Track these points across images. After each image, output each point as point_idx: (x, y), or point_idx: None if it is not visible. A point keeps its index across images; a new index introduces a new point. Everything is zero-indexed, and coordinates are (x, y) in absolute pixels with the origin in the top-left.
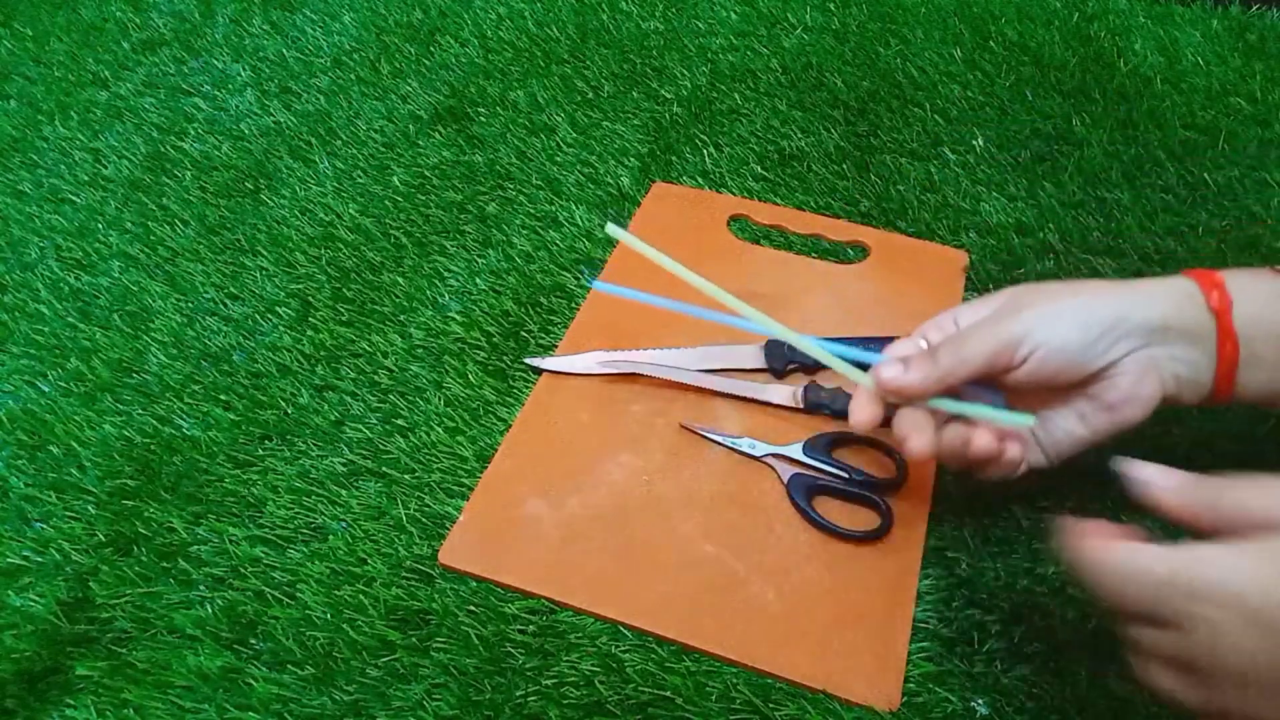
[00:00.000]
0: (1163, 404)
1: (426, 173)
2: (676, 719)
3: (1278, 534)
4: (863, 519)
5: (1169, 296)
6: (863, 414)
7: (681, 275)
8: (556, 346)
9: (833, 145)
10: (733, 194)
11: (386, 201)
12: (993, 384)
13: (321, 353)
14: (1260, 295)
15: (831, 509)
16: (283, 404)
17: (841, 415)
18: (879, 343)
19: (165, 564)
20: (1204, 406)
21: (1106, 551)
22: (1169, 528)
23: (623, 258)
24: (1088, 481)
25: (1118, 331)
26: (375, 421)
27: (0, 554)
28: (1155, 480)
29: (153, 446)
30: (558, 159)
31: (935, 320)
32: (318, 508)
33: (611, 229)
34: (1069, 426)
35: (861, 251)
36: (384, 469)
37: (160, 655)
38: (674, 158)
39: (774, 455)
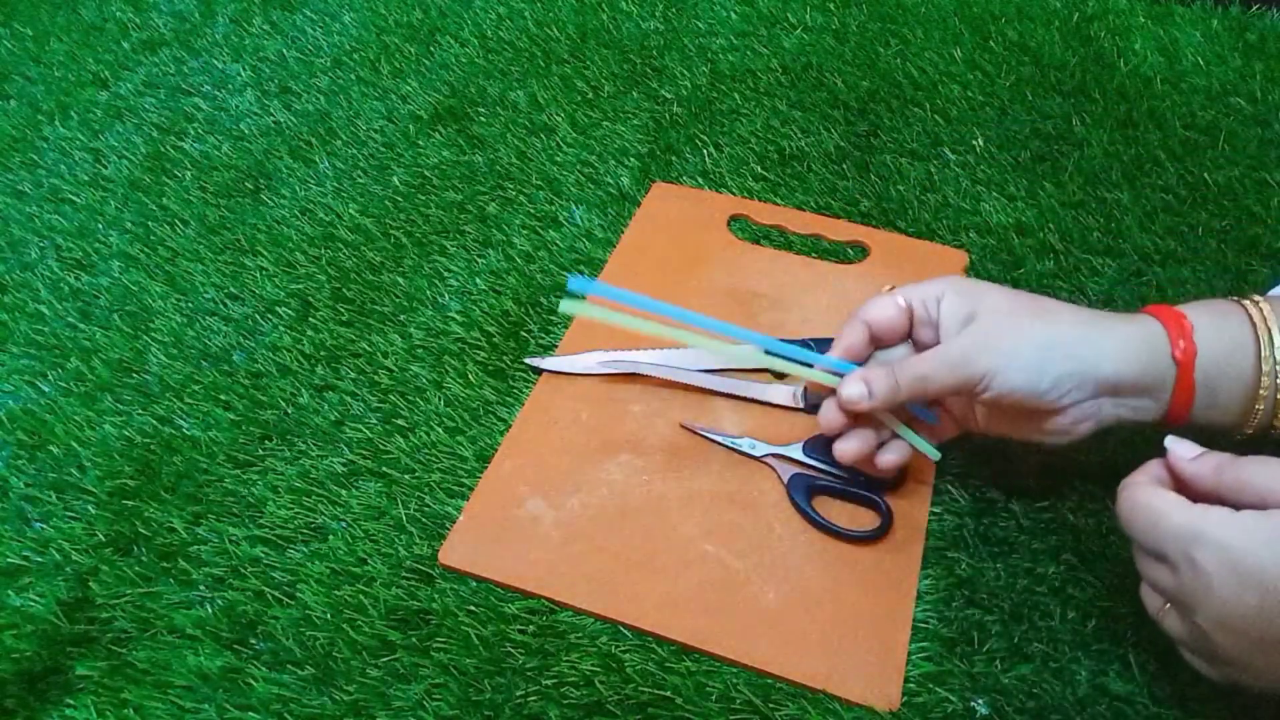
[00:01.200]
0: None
1: (426, 173)
2: (676, 719)
3: (1273, 506)
4: (863, 519)
5: (1133, 347)
6: (834, 421)
7: (638, 325)
8: (556, 346)
9: (833, 145)
10: (733, 194)
11: (386, 201)
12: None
13: (321, 353)
14: (1225, 339)
15: (831, 509)
16: (283, 404)
17: None
18: None
19: (165, 564)
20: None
21: (1139, 489)
22: None
23: (621, 259)
24: (1088, 482)
25: (1073, 381)
26: (375, 421)
27: (0, 554)
28: (1175, 450)
29: (153, 446)
30: (558, 159)
31: (922, 292)
32: (318, 508)
33: (565, 306)
34: (1000, 429)
35: (861, 251)
36: (384, 469)
37: (160, 655)
38: (674, 158)
39: (774, 455)
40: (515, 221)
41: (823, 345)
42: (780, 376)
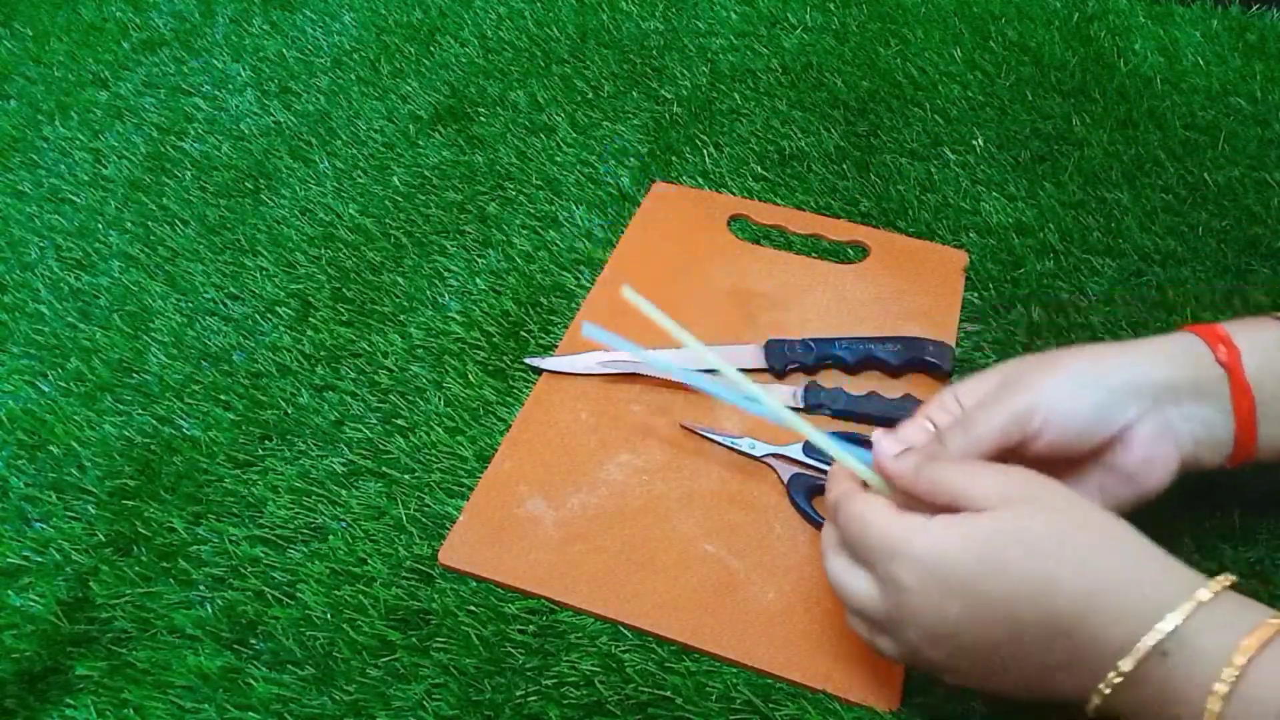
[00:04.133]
0: (1184, 469)
1: (426, 173)
2: (676, 719)
3: (967, 512)
4: None
5: (1173, 354)
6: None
7: (686, 340)
8: (556, 346)
9: (833, 145)
10: (733, 194)
11: (386, 201)
12: None
13: (321, 353)
14: (1267, 345)
15: None
16: (283, 404)
17: (842, 415)
18: (880, 342)
19: (165, 564)
20: (1229, 467)
21: (852, 500)
22: None
23: (621, 259)
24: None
25: (1126, 393)
26: (375, 421)
27: (0, 554)
28: (879, 446)
29: (153, 446)
30: (558, 159)
31: (939, 400)
32: (318, 508)
33: (627, 293)
34: (1086, 491)
35: (861, 251)
36: (384, 469)
37: (160, 655)
38: (674, 158)
39: (774, 455)
40: (515, 221)
41: (823, 345)
42: (780, 376)
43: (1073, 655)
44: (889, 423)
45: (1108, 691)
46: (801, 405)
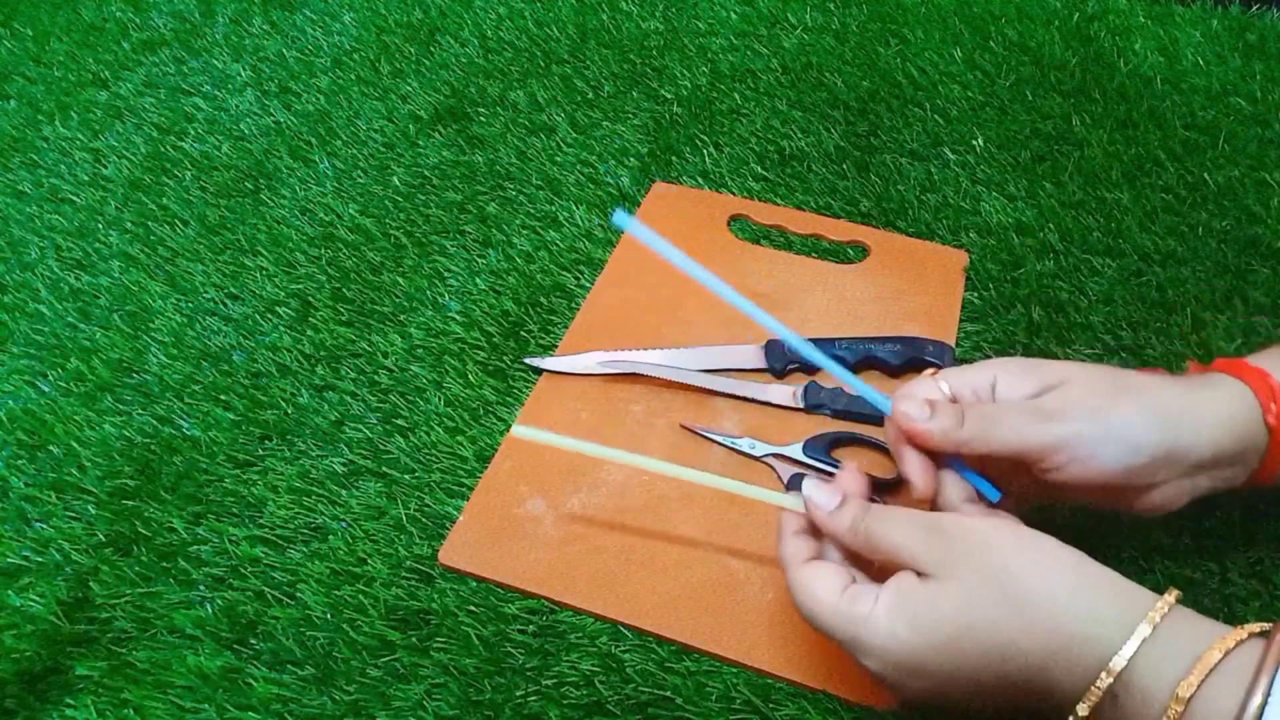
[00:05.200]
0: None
1: (426, 173)
2: (676, 719)
3: (903, 575)
4: None
5: (1226, 417)
6: (927, 482)
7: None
8: (556, 346)
9: (833, 145)
10: (733, 194)
11: (386, 201)
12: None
13: (321, 353)
14: None
15: None
16: (283, 404)
17: (842, 415)
18: (880, 342)
19: (165, 564)
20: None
21: (799, 569)
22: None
23: (622, 259)
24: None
25: (1165, 462)
26: (375, 421)
27: (0, 554)
28: (813, 499)
29: (153, 446)
30: (558, 159)
31: (971, 380)
32: (318, 508)
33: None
34: (1072, 499)
35: (861, 251)
36: (384, 469)
37: (160, 655)
38: (674, 158)
39: (774, 455)
40: (515, 221)
41: (823, 345)
42: (780, 376)
43: (1038, 702)
44: None
45: None
46: (801, 405)
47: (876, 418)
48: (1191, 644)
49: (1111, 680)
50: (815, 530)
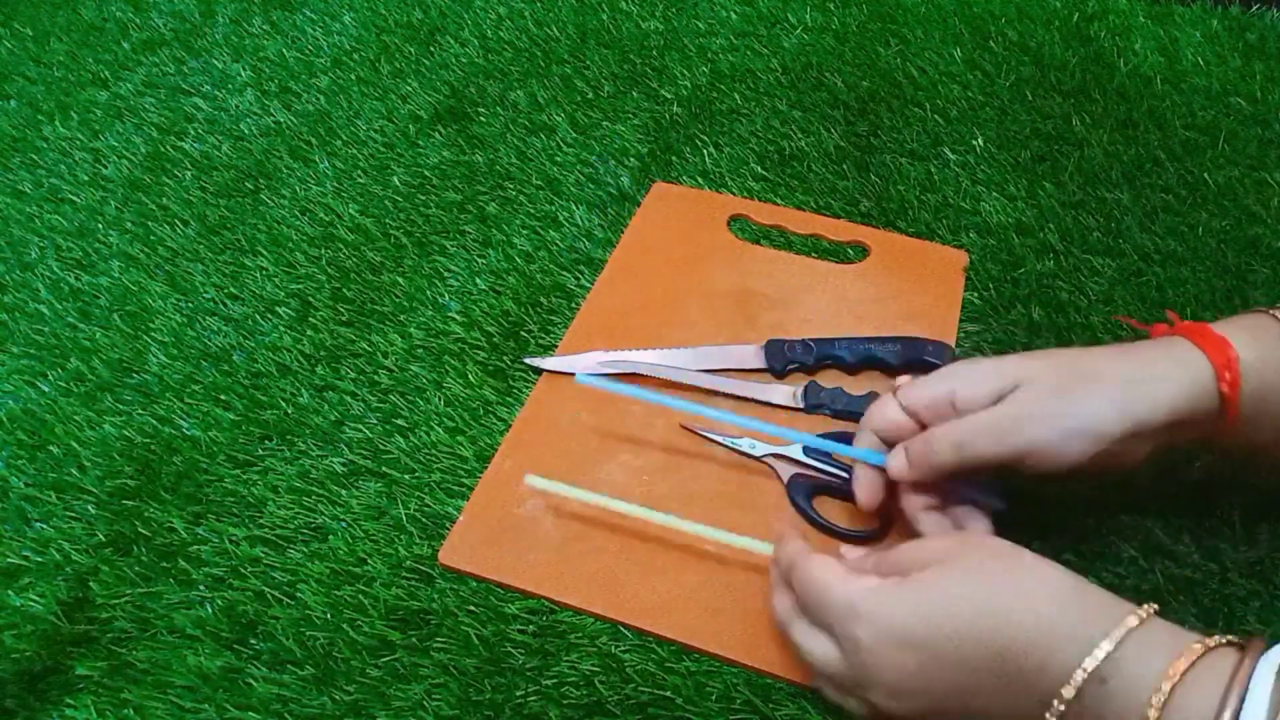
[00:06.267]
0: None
1: (426, 173)
2: (676, 719)
3: (921, 571)
4: (863, 519)
5: (1184, 390)
6: (872, 498)
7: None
8: (556, 346)
9: (833, 145)
10: (733, 194)
11: (386, 201)
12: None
13: (321, 353)
14: (1268, 360)
15: (831, 509)
16: (283, 404)
17: (842, 415)
18: (880, 342)
19: (165, 564)
20: None
21: (811, 563)
22: None
23: (621, 259)
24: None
25: (1125, 441)
26: (375, 421)
27: (0, 554)
28: (846, 554)
29: (153, 446)
30: (558, 159)
31: (927, 395)
32: (318, 508)
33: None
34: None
35: (861, 251)
36: (384, 469)
37: (160, 655)
38: (674, 158)
39: (774, 455)
40: (515, 221)
41: (823, 345)
42: (780, 376)
43: (1023, 687)
44: None
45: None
46: (801, 405)
47: None
48: (1173, 640)
49: (1099, 663)
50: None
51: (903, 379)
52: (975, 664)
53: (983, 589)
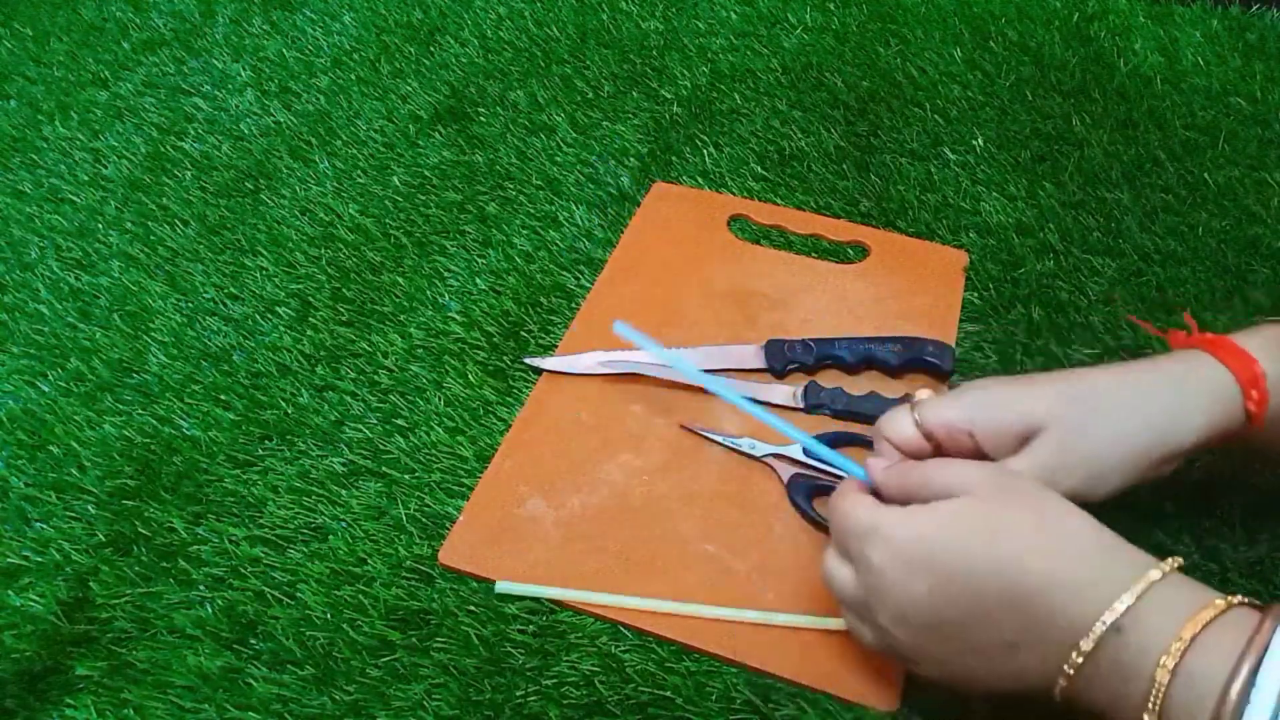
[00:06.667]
0: None
1: (426, 173)
2: (676, 719)
3: (945, 499)
4: None
5: (1210, 411)
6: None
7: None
8: (556, 346)
9: (833, 145)
10: (733, 194)
11: (386, 201)
12: None
13: (321, 353)
14: None
15: None
16: (283, 404)
17: (842, 415)
18: (880, 342)
19: (165, 564)
20: None
21: (841, 496)
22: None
23: (621, 259)
24: None
25: (1156, 468)
26: (375, 421)
27: (0, 554)
28: (871, 465)
29: (153, 446)
30: (558, 159)
31: (945, 420)
32: (318, 508)
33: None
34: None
35: (861, 251)
36: (384, 469)
37: (160, 655)
38: (674, 158)
39: (774, 455)
40: (515, 221)
41: (823, 345)
42: (780, 376)
43: (1034, 632)
44: None
45: (1071, 672)
46: (801, 405)
47: (876, 418)
48: (1194, 595)
49: (1119, 615)
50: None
51: (922, 392)
52: (985, 598)
53: (1003, 524)
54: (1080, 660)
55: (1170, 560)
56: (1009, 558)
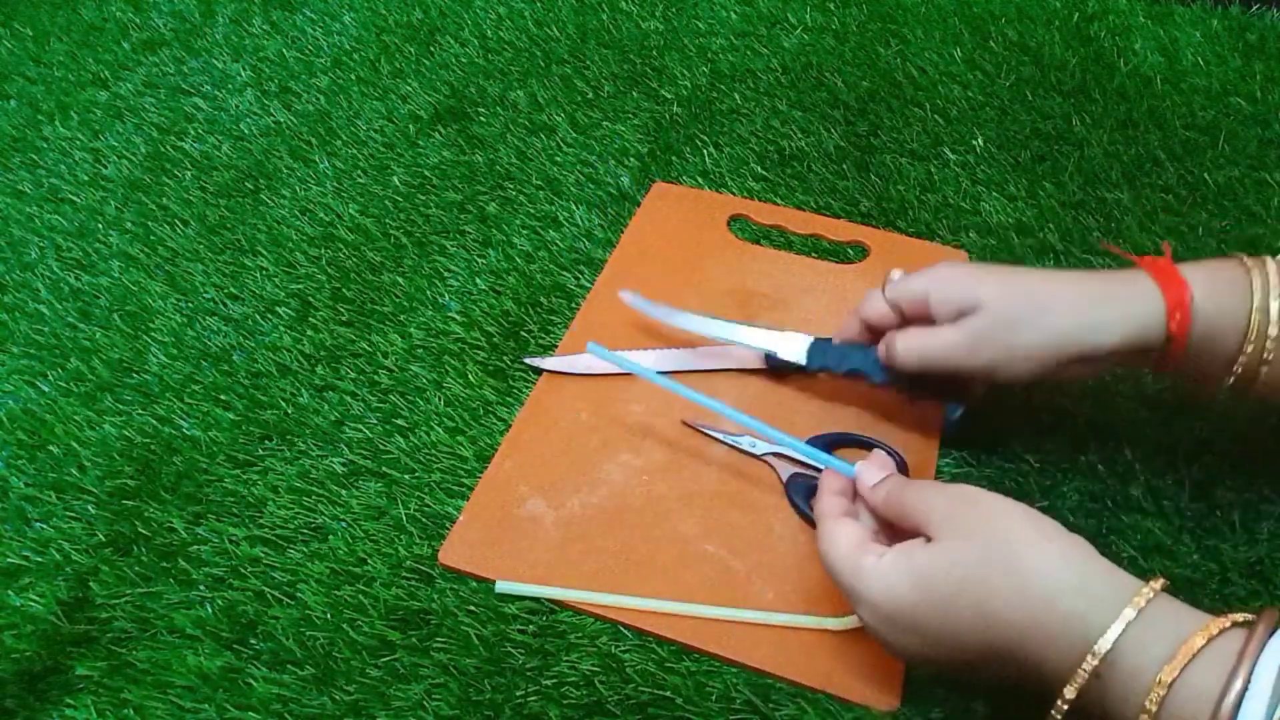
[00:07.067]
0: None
1: (426, 173)
2: (676, 719)
3: (914, 540)
4: None
5: (1132, 317)
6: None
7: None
8: (556, 346)
9: (833, 145)
10: (733, 194)
11: (386, 201)
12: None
13: (321, 353)
14: (1218, 302)
15: None
16: (283, 404)
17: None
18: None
19: (165, 564)
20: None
21: (827, 520)
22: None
23: (621, 259)
24: (1088, 482)
25: (1078, 360)
26: (375, 421)
27: (0, 554)
28: (860, 475)
29: (153, 446)
30: (558, 159)
31: (909, 291)
32: (318, 508)
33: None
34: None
35: (861, 251)
36: (384, 469)
37: (160, 655)
38: (674, 158)
39: (774, 454)
40: (515, 221)
41: (822, 345)
42: (780, 377)
43: (1022, 675)
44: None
45: (1065, 708)
46: (804, 362)
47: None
48: (1175, 629)
49: (1096, 663)
50: (852, 492)
51: (895, 273)
52: (971, 651)
53: (976, 581)
54: (1066, 708)
55: (1149, 587)
56: (983, 618)
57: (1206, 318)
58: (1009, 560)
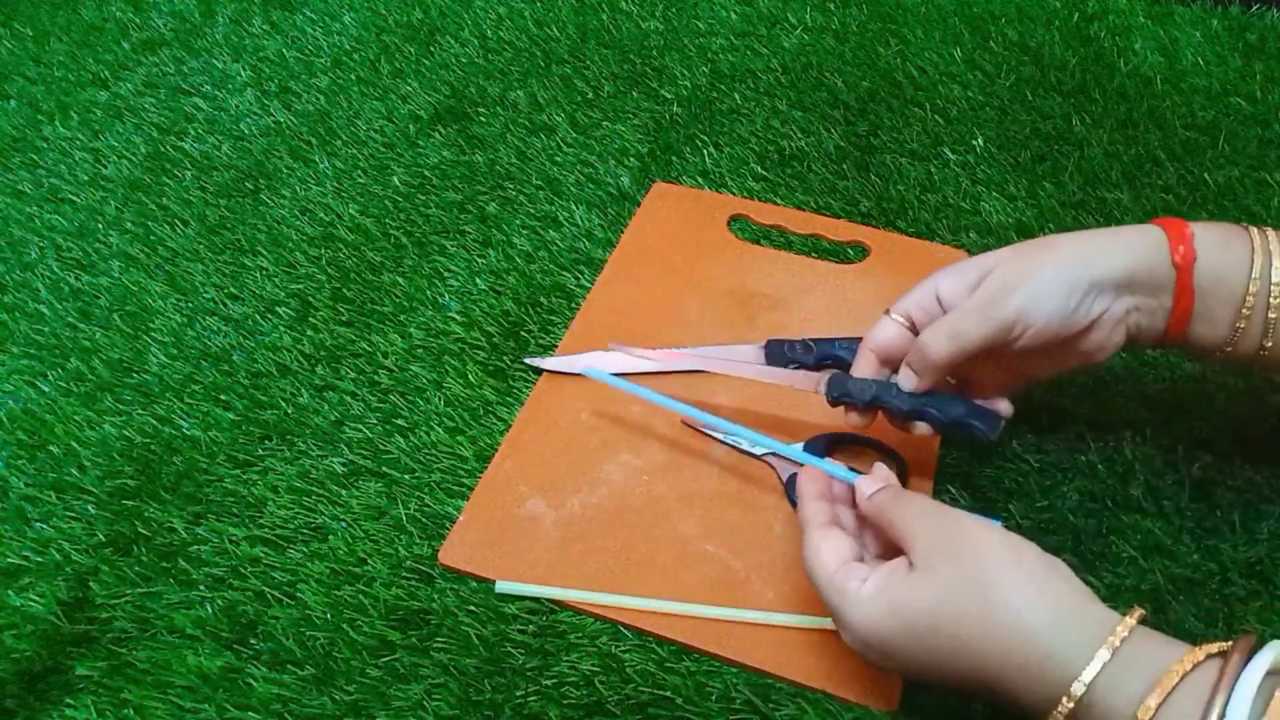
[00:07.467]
0: (1125, 348)
1: (426, 173)
2: (676, 719)
3: (897, 563)
4: None
5: (1136, 246)
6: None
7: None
8: (556, 346)
9: (833, 145)
10: (733, 194)
11: (386, 201)
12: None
13: (321, 353)
14: (1223, 254)
15: None
16: (283, 404)
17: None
18: None
19: (165, 564)
20: (1159, 346)
21: (814, 531)
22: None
23: (621, 259)
24: (1088, 482)
25: (1094, 292)
26: (375, 421)
27: (0, 554)
28: (859, 486)
29: (153, 446)
30: (558, 159)
31: (915, 297)
32: (318, 508)
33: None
34: (1045, 368)
35: (861, 251)
36: (384, 469)
37: (160, 655)
38: (674, 158)
39: (774, 454)
40: (515, 221)
41: (823, 345)
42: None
43: (1006, 703)
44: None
45: None
46: (823, 390)
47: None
48: (1151, 665)
49: (1073, 705)
50: (830, 493)
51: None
52: (955, 680)
53: (953, 618)
54: None
55: (1125, 623)
56: (960, 653)
57: (1210, 247)
58: (986, 596)
